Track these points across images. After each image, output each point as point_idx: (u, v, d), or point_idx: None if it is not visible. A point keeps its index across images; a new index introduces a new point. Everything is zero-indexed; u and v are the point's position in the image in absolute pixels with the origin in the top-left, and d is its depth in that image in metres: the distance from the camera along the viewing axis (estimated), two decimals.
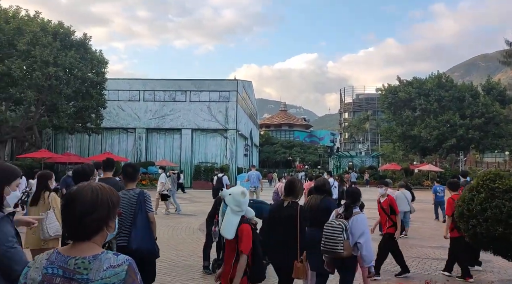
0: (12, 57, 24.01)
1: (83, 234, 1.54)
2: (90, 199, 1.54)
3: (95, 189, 1.58)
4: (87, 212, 1.52)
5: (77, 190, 1.58)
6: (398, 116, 48.83)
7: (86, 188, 1.58)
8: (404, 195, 11.14)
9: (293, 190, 4.47)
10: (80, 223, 1.52)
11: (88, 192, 1.56)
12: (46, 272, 1.51)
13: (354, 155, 48.35)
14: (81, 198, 1.54)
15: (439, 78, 47.97)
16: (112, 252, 1.57)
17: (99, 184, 1.63)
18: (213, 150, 36.82)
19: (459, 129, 43.07)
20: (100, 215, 1.54)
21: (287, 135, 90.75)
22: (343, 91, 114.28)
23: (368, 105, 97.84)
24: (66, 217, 1.58)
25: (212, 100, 36.72)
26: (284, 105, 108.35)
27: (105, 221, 1.57)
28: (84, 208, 1.52)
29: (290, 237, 4.25)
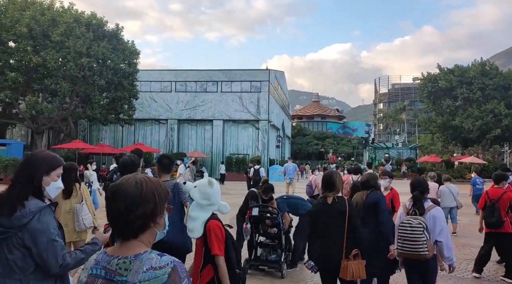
0: (47, 48, 24.27)
1: (129, 231, 1.42)
2: (134, 193, 1.41)
3: (140, 181, 1.44)
4: (131, 207, 1.39)
5: (120, 183, 1.46)
6: (438, 106, 46.53)
7: (130, 181, 1.44)
8: (449, 190, 10.30)
9: (333, 184, 4.02)
10: (125, 220, 1.40)
11: (132, 185, 1.43)
12: (91, 273, 1.44)
13: (390, 147, 46.46)
14: (124, 192, 1.41)
15: (483, 66, 45.25)
16: (158, 252, 1.42)
17: (144, 176, 1.49)
18: (244, 142, 36.35)
19: (504, 119, 40.56)
20: (145, 211, 1.40)
21: (320, 127, 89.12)
22: (378, 81, 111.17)
23: (404, 95, 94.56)
24: (110, 213, 1.46)
25: (244, 91, 36.17)
26: (317, 96, 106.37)
27: (152, 217, 1.43)
28: (128, 203, 1.40)
29: (341, 236, 3.89)
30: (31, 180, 2.26)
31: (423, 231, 3.95)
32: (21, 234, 2.13)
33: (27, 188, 2.24)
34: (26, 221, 2.13)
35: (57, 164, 2.40)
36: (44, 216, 2.17)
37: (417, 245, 3.94)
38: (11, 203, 2.17)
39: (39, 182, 2.28)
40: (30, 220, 2.14)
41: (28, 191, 2.24)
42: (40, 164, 2.32)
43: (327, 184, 4.02)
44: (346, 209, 3.88)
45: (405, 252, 4.07)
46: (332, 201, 3.96)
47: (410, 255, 4.03)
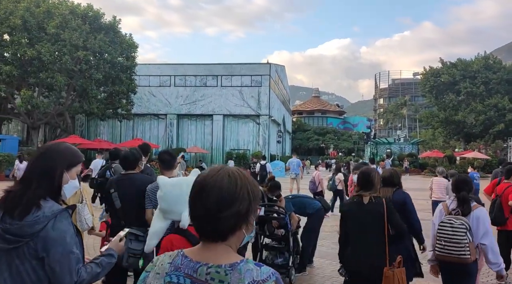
0: (42, 41, 23.67)
1: (218, 233, 1.22)
2: (228, 188, 1.20)
3: (233, 174, 1.24)
4: (225, 204, 1.19)
5: (208, 175, 1.23)
6: (441, 100, 45.98)
7: (221, 173, 1.23)
8: None
9: (371, 183, 3.65)
10: (215, 219, 1.20)
11: (225, 178, 1.22)
12: (170, 280, 1.21)
13: (392, 142, 45.95)
14: (216, 187, 1.20)
15: (486, 59, 44.66)
16: (254, 262, 1.22)
17: (235, 168, 1.29)
18: (245, 137, 35.82)
19: (508, 113, 40.04)
20: (239, 209, 1.21)
21: (320, 122, 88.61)
22: (378, 76, 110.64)
23: (405, 91, 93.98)
24: (195, 212, 1.23)
25: (244, 85, 35.60)
26: (317, 91, 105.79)
27: (245, 217, 1.23)
28: (220, 200, 1.19)
29: (378, 240, 3.56)
30: (51, 176, 1.93)
31: (466, 232, 3.57)
32: (34, 243, 1.82)
33: (46, 186, 1.90)
34: (39, 228, 1.81)
35: (78, 159, 2.07)
36: (60, 222, 1.85)
37: (458, 247, 3.57)
38: (26, 202, 1.83)
39: (59, 179, 1.95)
40: (43, 227, 1.81)
41: (47, 190, 1.90)
42: (61, 158, 1.98)
43: (365, 182, 3.66)
44: (383, 210, 3.54)
45: (445, 254, 3.67)
46: (368, 201, 3.60)
47: (451, 258, 3.65)
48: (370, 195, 3.62)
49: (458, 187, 3.91)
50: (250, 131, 35.75)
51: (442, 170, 11.19)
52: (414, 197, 10.96)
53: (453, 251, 3.60)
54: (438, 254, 3.74)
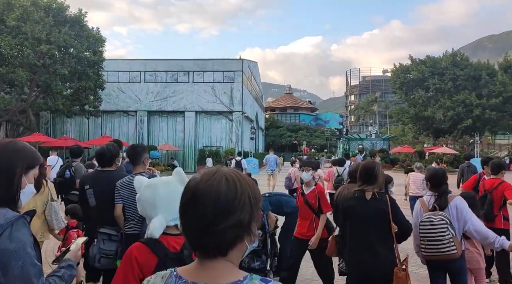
0: (2, 34, 22.35)
1: (216, 248, 1.03)
2: (226, 194, 1.02)
3: (232, 178, 1.05)
4: (224, 213, 1.01)
5: (203, 180, 1.05)
6: (410, 97, 46.88)
7: (218, 177, 1.04)
8: None
9: (375, 177, 3.41)
10: (213, 231, 1.01)
11: (222, 183, 1.03)
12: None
13: (364, 138, 46.48)
14: (214, 193, 1.01)
15: (454, 57, 45.80)
16: (260, 277, 1.04)
17: (233, 170, 1.10)
18: (217, 133, 35.28)
19: (475, 109, 41.18)
20: (241, 218, 1.02)
21: (293, 118, 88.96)
22: (349, 73, 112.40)
23: (375, 87, 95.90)
24: (189, 221, 1.04)
25: (216, 81, 35.02)
26: (289, 88, 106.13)
27: (248, 227, 1.04)
28: (219, 208, 1.01)
29: (383, 239, 3.35)
30: (9, 179, 1.65)
31: (447, 227, 3.40)
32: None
33: (2, 191, 1.63)
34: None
35: (37, 161, 1.78)
36: (17, 231, 1.57)
37: (441, 244, 3.42)
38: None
39: (18, 182, 1.68)
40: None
41: (4, 194, 1.63)
42: (19, 158, 1.70)
43: (368, 176, 3.41)
44: (388, 208, 3.32)
45: (432, 254, 3.50)
46: (371, 197, 3.38)
47: (438, 256, 3.48)
48: (373, 190, 3.40)
49: (438, 181, 3.71)
50: (223, 127, 35.24)
51: (420, 165, 11.16)
52: None
53: (439, 249, 3.44)
54: (425, 254, 3.58)
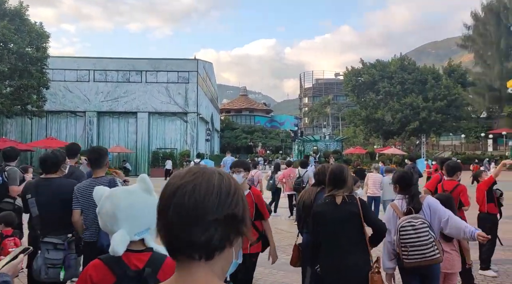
0: None
1: (203, 245, 0.87)
2: (220, 185, 0.90)
3: (226, 174, 0.95)
4: (217, 203, 0.88)
5: (193, 170, 0.93)
6: (362, 99, 48.28)
7: (210, 170, 0.94)
8: (391, 181, 9.83)
9: (344, 180, 3.33)
10: (202, 222, 0.86)
11: (215, 174, 0.92)
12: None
13: (318, 139, 47.25)
14: (205, 181, 0.90)
15: (402, 61, 47.70)
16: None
17: (217, 169, 0.98)
18: (172, 135, 34.34)
19: (421, 111, 43.04)
20: (235, 212, 0.90)
21: (248, 120, 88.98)
22: (303, 76, 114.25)
23: (328, 90, 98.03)
24: (176, 211, 0.88)
25: (171, 81, 34.12)
26: (244, 89, 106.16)
27: (241, 224, 0.91)
28: (212, 196, 0.88)
29: (356, 243, 3.27)
30: None
31: (428, 230, 3.28)
32: None
33: None
34: None
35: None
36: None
37: (426, 249, 3.26)
38: None
39: None
40: None
41: None
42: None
43: (337, 180, 3.34)
44: (359, 210, 3.24)
45: (416, 260, 3.30)
46: (342, 201, 3.29)
47: (424, 262, 3.29)
48: (343, 194, 3.31)
49: (407, 183, 3.54)
50: (177, 129, 34.36)
51: (378, 166, 11.25)
52: None
53: (424, 254, 3.26)
54: (408, 262, 3.33)
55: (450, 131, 47.81)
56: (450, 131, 47.57)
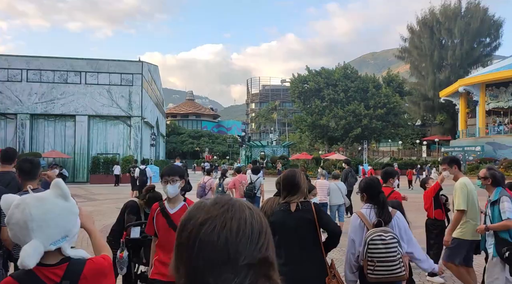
0: None
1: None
2: (252, 222, 0.84)
3: (254, 209, 0.88)
4: (249, 244, 0.81)
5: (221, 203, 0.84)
6: (308, 106, 49.28)
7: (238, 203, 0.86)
8: (337, 187, 9.98)
9: (297, 186, 3.12)
10: (234, 266, 0.78)
11: (246, 210, 0.84)
12: None
13: (265, 145, 47.53)
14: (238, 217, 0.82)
15: (345, 69, 49.35)
16: None
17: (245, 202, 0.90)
18: (114, 140, 32.77)
19: (363, 119, 44.69)
20: (267, 255, 0.84)
21: (195, 125, 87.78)
22: (250, 82, 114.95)
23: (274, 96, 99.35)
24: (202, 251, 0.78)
25: (113, 84, 32.59)
26: (191, 94, 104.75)
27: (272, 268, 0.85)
28: (245, 235, 0.81)
29: (312, 250, 3.11)
30: None
31: (397, 246, 3.09)
32: None
33: None
34: None
35: None
36: None
37: (393, 266, 3.07)
38: None
39: None
40: None
41: None
42: None
43: (290, 186, 3.12)
44: (313, 217, 3.06)
45: (381, 276, 3.10)
46: (296, 209, 3.10)
47: (387, 279, 3.10)
48: (297, 200, 3.12)
49: (375, 191, 3.32)
50: (120, 133, 32.84)
51: (325, 172, 11.28)
52: None
53: (391, 270, 3.06)
54: (373, 277, 3.11)
55: (389, 138, 50.11)
56: (389, 137, 49.85)
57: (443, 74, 51.19)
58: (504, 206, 4.21)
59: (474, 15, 49.44)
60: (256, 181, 9.43)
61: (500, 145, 37.71)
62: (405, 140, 53.93)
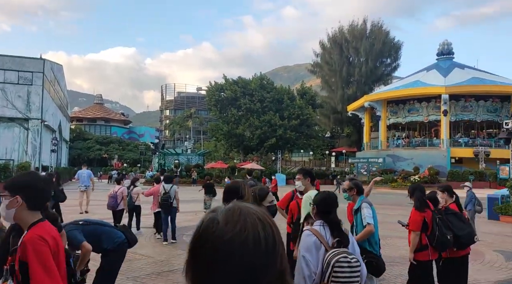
0: None
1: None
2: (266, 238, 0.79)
3: (263, 216, 0.83)
4: (265, 264, 0.78)
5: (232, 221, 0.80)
6: (224, 114, 49.12)
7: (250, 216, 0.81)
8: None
9: (241, 198, 2.83)
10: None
11: (257, 224, 0.80)
12: None
13: (180, 153, 46.19)
14: (251, 237, 0.78)
15: (261, 80, 50.26)
16: None
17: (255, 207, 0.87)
18: (8, 144, 29.17)
19: (278, 129, 45.76)
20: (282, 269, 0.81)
21: (103, 131, 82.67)
22: (164, 88, 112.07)
23: (189, 104, 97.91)
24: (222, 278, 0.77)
25: (9, 82, 29.16)
26: (100, 97, 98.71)
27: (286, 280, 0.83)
28: (260, 256, 0.77)
29: None
30: None
31: (360, 270, 2.77)
32: None
33: None
34: None
35: None
36: None
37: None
38: None
39: None
40: None
41: None
42: None
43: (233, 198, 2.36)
44: None
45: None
46: None
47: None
48: None
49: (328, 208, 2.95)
50: (15, 137, 29.33)
51: (252, 183, 11.04)
52: None
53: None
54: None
55: (302, 148, 51.98)
56: (302, 148, 51.70)
57: (351, 89, 54.77)
58: (364, 213, 4.33)
59: (378, 37, 53.86)
60: (171, 190, 8.76)
61: (399, 157, 41.24)
62: (316, 151, 56.47)
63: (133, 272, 6.69)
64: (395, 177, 36.46)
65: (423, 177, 34.47)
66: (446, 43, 45.85)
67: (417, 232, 4.53)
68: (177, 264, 7.38)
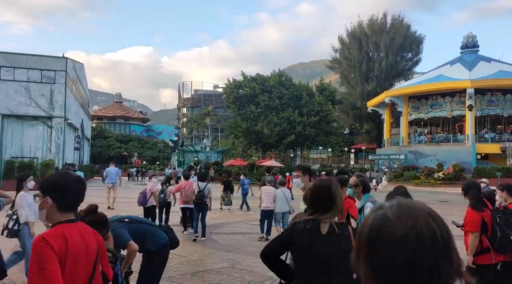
0: None
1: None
2: (441, 232, 0.79)
3: (431, 209, 0.82)
4: (445, 259, 0.77)
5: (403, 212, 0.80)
6: (243, 112, 49.00)
7: (420, 207, 0.82)
8: (283, 194, 9.80)
9: (332, 200, 2.41)
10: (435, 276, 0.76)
11: (429, 217, 0.80)
12: None
13: (199, 150, 46.31)
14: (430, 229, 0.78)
15: (280, 76, 49.92)
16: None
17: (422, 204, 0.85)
18: (32, 142, 29.59)
19: (297, 126, 45.39)
20: (458, 265, 0.80)
21: (123, 129, 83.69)
22: (181, 86, 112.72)
23: (206, 101, 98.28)
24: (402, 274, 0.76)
25: (32, 80, 29.52)
26: (119, 96, 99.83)
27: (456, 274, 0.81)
28: (440, 250, 0.77)
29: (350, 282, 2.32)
30: None
31: None
32: None
33: None
34: None
35: None
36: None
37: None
38: None
39: None
40: None
41: None
42: None
43: (325, 199, 2.40)
44: (351, 245, 2.27)
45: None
46: (328, 231, 2.36)
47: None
48: (330, 220, 2.41)
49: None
50: (39, 135, 29.72)
51: (271, 179, 11.04)
52: None
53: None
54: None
55: (321, 145, 51.46)
56: (321, 145, 51.18)
57: (371, 85, 53.89)
58: (366, 213, 4.02)
59: (398, 31, 52.80)
60: (205, 188, 8.68)
61: (421, 153, 40.38)
62: (334, 147, 55.86)
63: (167, 271, 6.57)
64: (418, 174, 35.74)
65: (448, 174, 33.70)
66: (471, 36, 44.56)
67: (476, 233, 4.24)
68: (211, 264, 7.23)
